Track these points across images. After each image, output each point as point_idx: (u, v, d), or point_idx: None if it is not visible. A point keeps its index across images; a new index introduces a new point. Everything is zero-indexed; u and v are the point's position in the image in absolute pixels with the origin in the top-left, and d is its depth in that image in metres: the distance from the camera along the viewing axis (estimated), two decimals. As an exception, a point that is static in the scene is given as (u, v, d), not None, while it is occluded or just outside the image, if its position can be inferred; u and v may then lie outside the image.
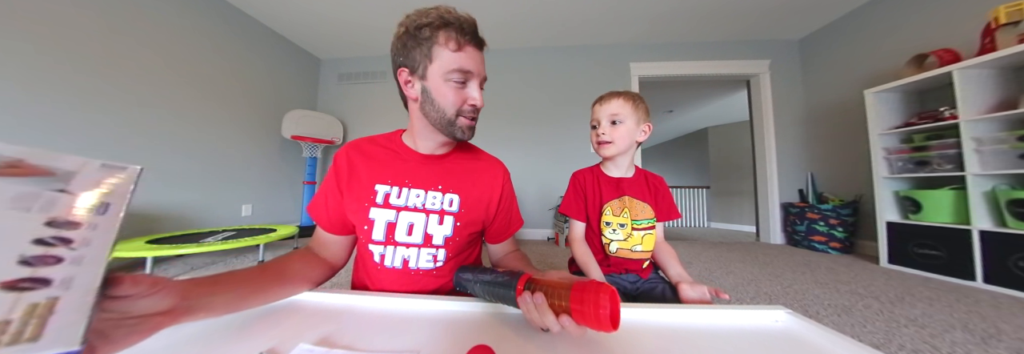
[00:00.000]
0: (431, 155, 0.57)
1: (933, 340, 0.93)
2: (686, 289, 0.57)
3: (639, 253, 0.71)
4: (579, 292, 0.31)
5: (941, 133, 1.66)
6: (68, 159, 0.22)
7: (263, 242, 1.67)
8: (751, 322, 0.39)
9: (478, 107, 0.52)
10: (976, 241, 1.43)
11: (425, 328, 0.36)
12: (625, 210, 0.72)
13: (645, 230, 0.72)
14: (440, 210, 0.54)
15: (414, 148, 0.57)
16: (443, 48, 0.48)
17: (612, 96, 0.73)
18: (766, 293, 1.36)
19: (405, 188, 0.54)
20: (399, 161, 0.56)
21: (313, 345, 0.31)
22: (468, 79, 0.50)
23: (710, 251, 2.34)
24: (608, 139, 0.71)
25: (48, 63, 1.45)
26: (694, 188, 5.26)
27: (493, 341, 0.32)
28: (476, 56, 0.51)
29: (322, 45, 2.98)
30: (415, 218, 0.53)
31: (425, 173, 0.56)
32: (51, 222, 0.20)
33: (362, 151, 0.57)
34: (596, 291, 0.30)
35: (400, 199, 0.53)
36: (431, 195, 0.55)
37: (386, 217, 0.52)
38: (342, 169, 0.55)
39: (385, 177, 0.54)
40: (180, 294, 0.28)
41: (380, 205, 0.53)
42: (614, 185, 0.75)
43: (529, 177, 2.89)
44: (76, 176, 0.22)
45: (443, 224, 0.54)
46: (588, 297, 0.30)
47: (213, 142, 2.20)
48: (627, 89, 0.76)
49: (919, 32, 1.96)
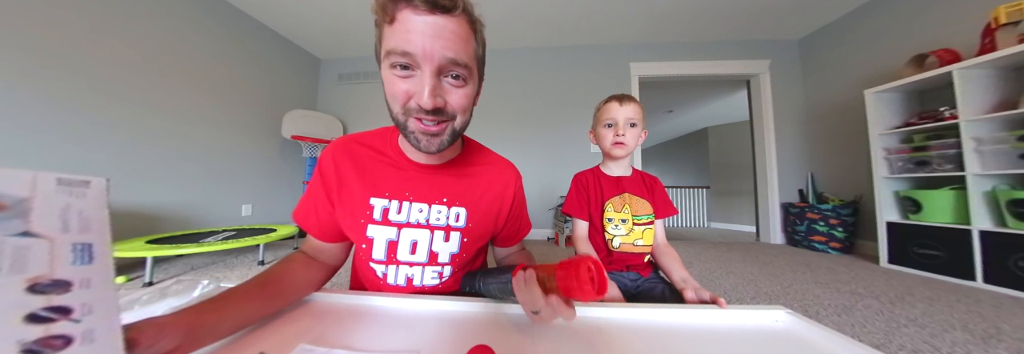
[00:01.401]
0: (432, 165, 0.49)
1: (933, 340, 0.93)
2: (691, 295, 0.57)
3: (640, 247, 0.74)
4: (564, 266, 0.31)
5: (941, 133, 1.66)
6: (10, 177, 0.15)
7: (263, 242, 1.67)
8: (751, 322, 0.39)
9: (424, 107, 0.36)
10: (976, 241, 1.43)
11: (425, 328, 0.36)
12: (626, 206, 0.75)
13: (645, 225, 0.75)
14: (446, 226, 0.49)
15: (409, 155, 0.49)
16: (381, 23, 0.35)
17: (630, 100, 0.73)
18: (766, 293, 1.36)
19: (406, 202, 0.48)
20: (396, 170, 0.49)
21: (313, 345, 0.31)
22: (412, 65, 0.35)
23: (710, 251, 2.34)
24: (625, 140, 0.73)
25: (48, 63, 1.45)
26: (694, 188, 5.26)
27: (493, 341, 0.32)
28: (420, 27, 0.33)
29: (322, 45, 2.98)
30: (419, 235, 0.48)
31: (427, 185, 0.49)
32: (33, 286, 0.15)
33: (352, 155, 0.49)
34: (578, 262, 0.31)
35: (401, 215, 0.47)
36: (435, 210, 0.49)
37: (387, 235, 0.47)
38: (329, 175, 0.48)
39: (381, 190, 0.48)
40: (184, 331, 0.27)
41: (379, 222, 0.47)
42: (615, 183, 0.78)
43: (529, 177, 2.89)
44: (33, 205, 0.15)
45: (449, 241, 0.49)
46: (571, 267, 0.30)
47: (213, 142, 2.19)
48: (627, 91, 0.77)
49: (919, 32, 1.96)
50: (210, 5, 2.18)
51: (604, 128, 0.75)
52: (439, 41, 0.34)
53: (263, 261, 1.72)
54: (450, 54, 0.35)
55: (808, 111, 2.68)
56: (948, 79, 1.55)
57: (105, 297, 0.17)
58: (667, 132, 6.39)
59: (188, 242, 1.55)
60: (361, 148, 0.50)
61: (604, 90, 2.87)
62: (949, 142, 1.55)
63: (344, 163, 0.49)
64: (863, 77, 2.23)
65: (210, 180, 2.17)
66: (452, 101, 0.38)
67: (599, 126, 0.77)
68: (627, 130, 0.73)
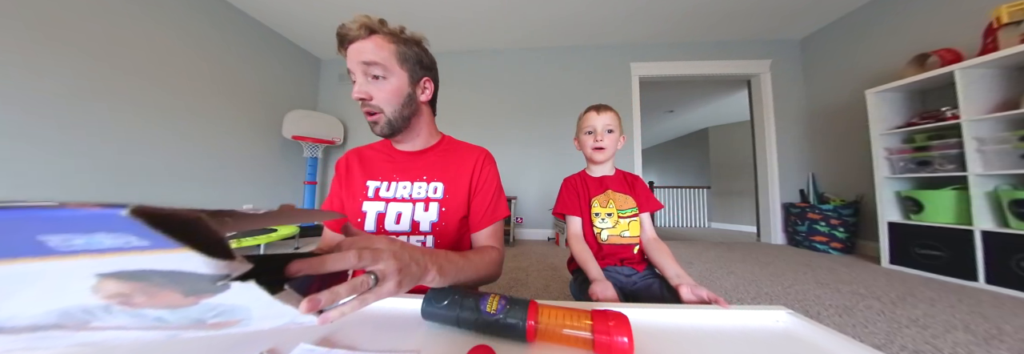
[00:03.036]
0: (414, 152, 0.63)
1: (935, 341, 0.93)
2: (687, 293, 0.57)
3: (628, 238, 0.80)
4: (599, 320, 0.31)
5: (943, 133, 1.65)
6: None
7: (264, 242, 1.67)
8: (752, 322, 0.39)
9: (358, 99, 0.54)
10: (978, 241, 1.43)
11: (425, 328, 0.36)
12: (610, 201, 0.83)
13: (630, 217, 0.82)
14: (425, 198, 0.58)
15: (398, 147, 0.64)
16: (341, 53, 0.55)
17: (606, 109, 0.82)
18: (767, 293, 1.36)
19: (394, 182, 0.60)
20: (388, 160, 0.63)
21: (313, 345, 0.31)
22: (353, 76, 0.54)
23: (711, 251, 2.34)
24: (604, 145, 0.81)
25: (47, 64, 1.46)
26: (695, 188, 5.25)
27: (493, 341, 0.32)
28: (352, 55, 0.53)
29: (322, 45, 2.98)
30: (402, 208, 0.57)
31: (411, 167, 0.62)
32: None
33: (360, 155, 0.64)
34: (614, 316, 0.31)
35: (389, 192, 0.59)
36: (417, 185, 0.59)
37: (376, 208, 0.57)
38: (342, 173, 0.63)
39: (376, 174, 0.61)
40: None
41: (371, 198, 0.58)
42: (598, 183, 0.87)
43: (529, 177, 2.89)
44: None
45: (429, 210, 0.57)
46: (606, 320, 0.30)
47: (214, 142, 2.20)
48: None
49: (921, 32, 1.96)
50: (211, 5, 2.19)
51: (585, 135, 0.84)
52: (358, 55, 0.52)
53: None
54: (364, 58, 0.52)
55: (809, 111, 2.67)
56: (950, 79, 1.55)
57: None
58: (667, 132, 6.38)
59: (189, 242, 1.55)
60: (367, 150, 0.66)
61: (605, 90, 2.87)
62: (951, 142, 1.55)
63: (354, 162, 0.64)
64: (864, 77, 2.23)
65: (211, 180, 2.17)
66: (375, 94, 0.53)
67: (581, 133, 0.86)
68: (605, 136, 0.81)
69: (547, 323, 0.32)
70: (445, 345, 0.32)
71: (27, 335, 0.18)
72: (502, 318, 0.32)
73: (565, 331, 0.31)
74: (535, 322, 0.32)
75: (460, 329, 0.35)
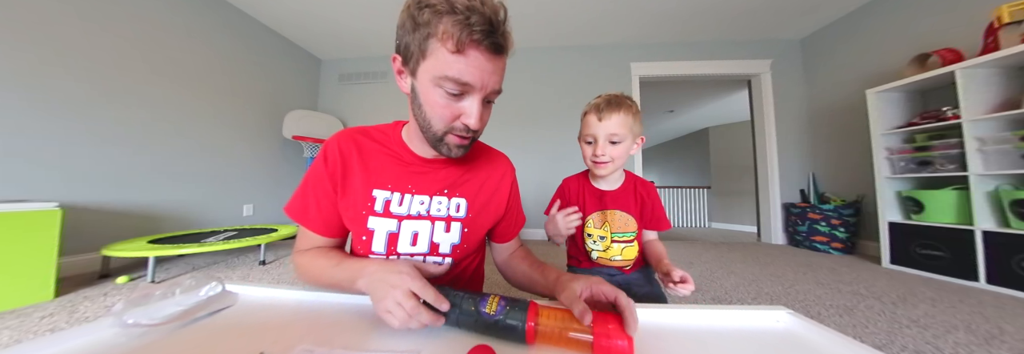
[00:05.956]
0: (433, 158, 0.51)
1: (936, 341, 0.93)
2: (664, 278, 0.57)
3: (619, 262, 0.72)
4: (599, 322, 0.31)
5: (944, 133, 1.65)
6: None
7: (264, 242, 1.67)
8: (752, 323, 0.39)
9: (471, 128, 0.41)
10: (979, 242, 1.42)
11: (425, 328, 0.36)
12: (606, 224, 0.71)
13: (625, 242, 0.70)
14: (446, 216, 0.50)
15: (414, 150, 0.51)
16: (440, 44, 0.36)
17: (612, 111, 0.63)
18: (767, 293, 1.35)
19: (408, 194, 0.49)
20: (399, 163, 0.50)
21: (313, 345, 0.31)
22: (466, 92, 0.39)
23: (711, 251, 2.33)
24: (607, 159, 0.66)
25: (48, 64, 1.46)
26: (695, 188, 5.25)
27: (493, 341, 0.32)
28: (485, 65, 0.37)
29: (322, 45, 2.98)
30: (419, 226, 0.48)
31: (429, 177, 0.50)
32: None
33: (358, 146, 0.50)
34: (612, 318, 0.31)
35: (402, 207, 0.48)
36: (436, 201, 0.50)
37: (387, 227, 0.47)
38: (335, 163, 0.48)
39: (384, 181, 0.49)
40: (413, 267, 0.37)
41: (380, 214, 0.47)
42: (598, 198, 0.73)
43: (530, 178, 2.89)
44: None
45: (450, 231, 0.49)
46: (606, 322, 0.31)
47: (215, 142, 2.20)
48: (622, 92, 0.69)
49: (921, 31, 1.95)
50: (212, 6, 2.19)
51: (584, 144, 0.68)
52: (493, 77, 0.39)
53: (264, 261, 1.72)
54: (498, 87, 0.41)
55: (810, 111, 2.67)
56: (950, 79, 1.54)
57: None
58: (667, 132, 6.38)
59: (190, 242, 1.55)
60: (367, 140, 0.51)
61: (604, 90, 2.85)
62: (952, 142, 1.54)
63: (351, 153, 0.49)
64: (865, 77, 2.22)
65: (211, 180, 2.17)
66: (484, 120, 0.43)
67: (581, 139, 0.70)
68: (608, 149, 0.64)
69: (547, 325, 0.32)
70: (445, 345, 0.32)
71: None
72: (502, 319, 0.32)
73: (565, 333, 0.31)
74: (535, 324, 0.32)
75: (460, 329, 0.35)
